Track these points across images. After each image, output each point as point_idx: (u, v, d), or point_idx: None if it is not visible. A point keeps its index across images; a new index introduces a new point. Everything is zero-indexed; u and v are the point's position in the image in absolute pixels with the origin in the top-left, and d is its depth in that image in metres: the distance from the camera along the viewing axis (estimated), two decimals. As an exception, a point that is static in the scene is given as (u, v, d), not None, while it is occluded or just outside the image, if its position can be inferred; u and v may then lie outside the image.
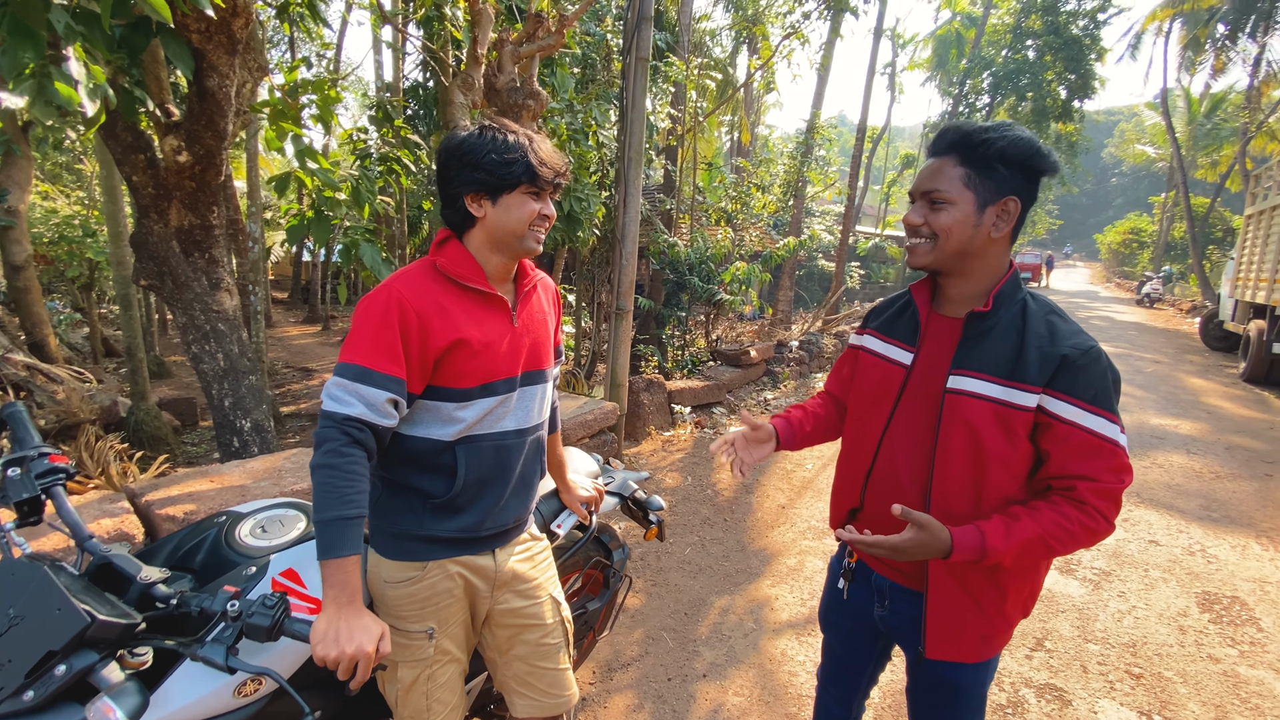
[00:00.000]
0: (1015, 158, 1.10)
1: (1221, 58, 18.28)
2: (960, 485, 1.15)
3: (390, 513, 1.29)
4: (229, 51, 2.95)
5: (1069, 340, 1.10)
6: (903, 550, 1.11)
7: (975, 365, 1.14)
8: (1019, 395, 1.10)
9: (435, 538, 1.29)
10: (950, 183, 1.14)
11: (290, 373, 10.48)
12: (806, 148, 11.83)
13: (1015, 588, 1.20)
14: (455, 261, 1.25)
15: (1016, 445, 1.11)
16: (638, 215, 4.01)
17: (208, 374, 3.40)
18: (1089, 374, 1.08)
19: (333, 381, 1.15)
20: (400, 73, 7.87)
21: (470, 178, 1.22)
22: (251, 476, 2.67)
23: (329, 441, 1.11)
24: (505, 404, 1.32)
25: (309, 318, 17.12)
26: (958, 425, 1.14)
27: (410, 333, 1.17)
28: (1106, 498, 1.07)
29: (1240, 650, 2.69)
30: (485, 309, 1.27)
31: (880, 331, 1.35)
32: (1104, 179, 59.06)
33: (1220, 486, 4.62)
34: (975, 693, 1.29)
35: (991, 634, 1.21)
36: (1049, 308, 1.17)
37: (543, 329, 1.41)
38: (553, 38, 3.50)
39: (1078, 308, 19.38)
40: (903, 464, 1.23)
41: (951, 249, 1.16)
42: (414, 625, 1.29)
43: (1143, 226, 33.98)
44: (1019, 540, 1.07)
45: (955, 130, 1.16)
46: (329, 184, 3.71)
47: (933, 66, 27.90)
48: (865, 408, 1.32)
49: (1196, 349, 11.50)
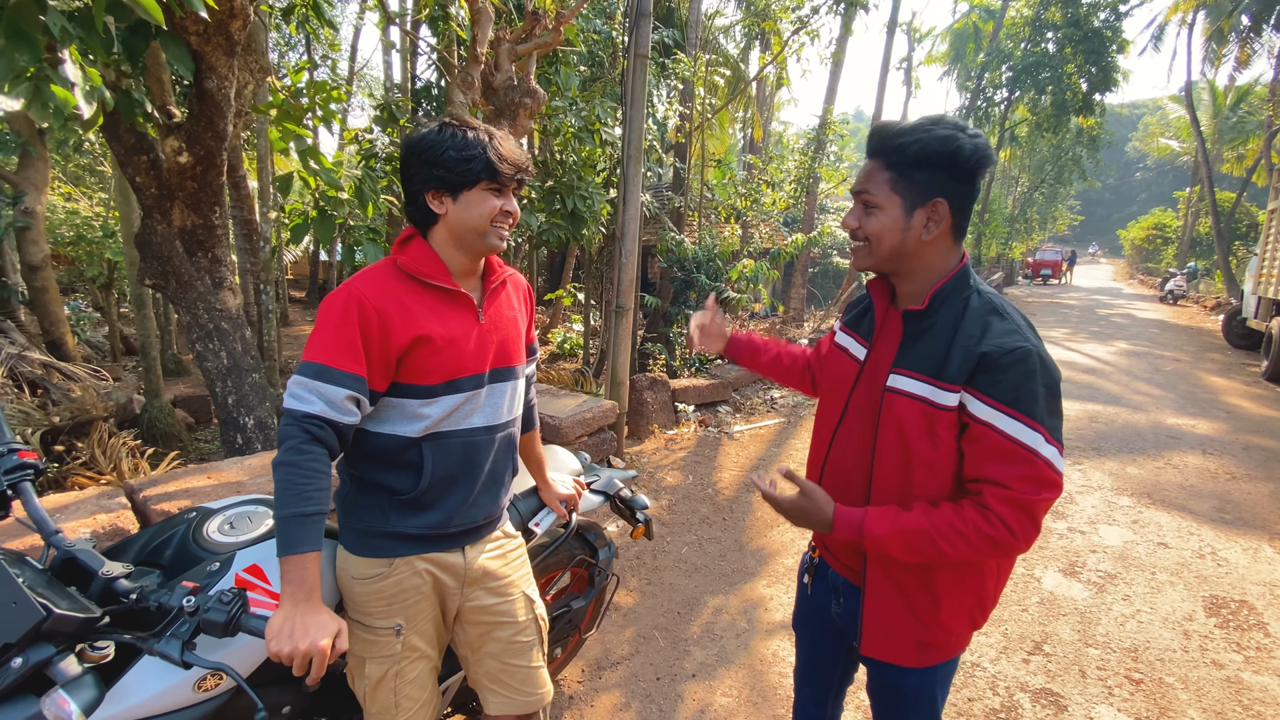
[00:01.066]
0: (935, 158, 1.07)
1: (1245, 50, 17.81)
2: (892, 483, 1.15)
3: (357, 509, 1.30)
4: (227, 53, 2.99)
5: (996, 339, 1.06)
6: (786, 511, 1.16)
7: (910, 364, 1.14)
8: (942, 394, 1.09)
9: (402, 534, 1.29)
10: (878, 186, 1.13)
11: (304, 370, 10.62)
12: (819, 143, 11.72)
13: (951, 595, 1.17)
14: (417, 259, 1.26)
15: (940, 446, 1.10)
16: (638, 213, 4.00)
17: (211, 372, 3.45)
18: (1010, 375, 1.04)
19: (294, 379, 1.16)
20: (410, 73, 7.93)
21: (430, 175, 1.22)
22: (249, 473, 2.71)
23: (290, 439, 1.13)
24: (473, 401, 1.32)
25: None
26: (890, 424, 1.14)
27: (370, 330, 1.18)
28: (1015, 506, 1.03)
29: (1246, 656, 2.62)
30: (449, 306, 1.28)
31: (848, 326, 1.36)
32: (1128, 173, 57.89)
33: (1236, 487, 4.51)
34: (921, 698, 1.28)
35: (929, 641, 1.20)
36: (991, 306, 1.13)
37: (512, 326, 1.41)
38: (549, 35, 3.50)
39: (1099, 305, 19.02)
40: (850, 457, 1.24)
41: (885, 252, 1.15)
42: (381, 621, 1.29)
43: (1167, 222, 33.25)
44: (900, 529, 1.07)
45: (879, 132, 1.14)
46: (331, 183, 3.74)
47: (950, 60, 27.52)
48: (826, 398, 1.35)
49: (1219, 347, 11.23)
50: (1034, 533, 1.05)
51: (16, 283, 6.80)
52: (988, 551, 1.05)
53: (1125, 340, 11.80)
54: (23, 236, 6.27)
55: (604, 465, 4.10)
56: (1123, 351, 10.49)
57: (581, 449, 3.91)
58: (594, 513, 3.40)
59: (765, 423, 5.93)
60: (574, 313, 13.95)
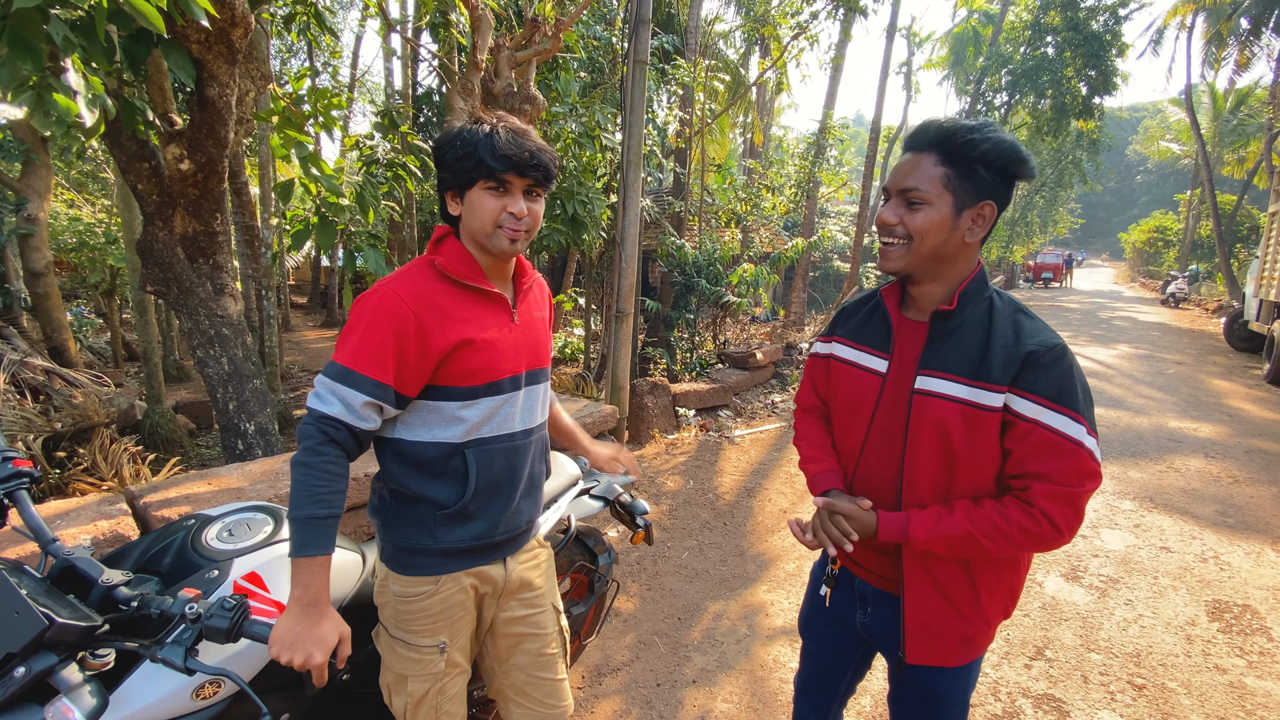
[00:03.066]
0: (997, 161, 1.07)
1: (1245, 53, 17.82)
2: (928, 484, 1.14)
3: (400, 527, 1.27)
4: (228, 61, 3.01)
5: (1034, 338, 1.08)
6: (840, 513, 1.18)
7: (942, 365, 1.13)
8: (985, 395, 1.08)
9: (449, 550, 1.27)
10: (930, 182, 1.09)
11: (305, 376, 10.63)
12: (818, 148, 11.75)
13: (990, 588, 1.18)
14: (454, 259, 1.23)
15: (984, 447, 1.09)
16: (637, 218, 4.01)
17: (213, 378, 3.46)
18: (1052, 371, 1.06)
19: (319, 378, 1.16)
20: (412, 79, 7.97)
21: (441, 176, 1.23)
22: (249, 479, 2.72)
23: (307, 439, 1.13)
24: (511, 403, 1.29)
25: (327, 321, 17.39)
26: (926, 426, 1.12)
27: (406, 334, 1.15)
28: (1061, 500, 1.04)
29: (1249, 660, 2.61)
30: (485, 307, 1.25)
31: (850, 339, 1.31)
32: (1128, 176, 57.92)
33: (1238, 491, 4.49)
34: (956, 700, 1.27)
35: (971, 636, 1.20)
36: (1015, 306, 1.15)
37: (542, 327, 1.40)
38: (549, 42, 3.52)
39: (1100, 308, 19.01)
40: (879, 469, 1.22)
41: (926, 252, 1.12)
42: (426, 640, 1.27)
43: (1168, 225, 33.23)
44: (945, 533, 1.09)
45: (938, 127, 1.10)
46: (332, 189, 3.76)
47: (949, 65, 27.58)
48: (846, 417, 1.30)
49: (1221, 350, 11.21)
50: (1078, 523, 1.07)
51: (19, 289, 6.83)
52: (1030, 547, 1.08)
53: (1127, 343, 11.79)
54: (25, 243, 6.30)
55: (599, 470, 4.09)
56: (1125, 354, 10.47)
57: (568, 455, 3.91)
58: (594, 518, 3.40)
59: (766, 427, 5.92)
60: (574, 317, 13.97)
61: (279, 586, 1.22)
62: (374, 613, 1.35)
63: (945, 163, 1.09)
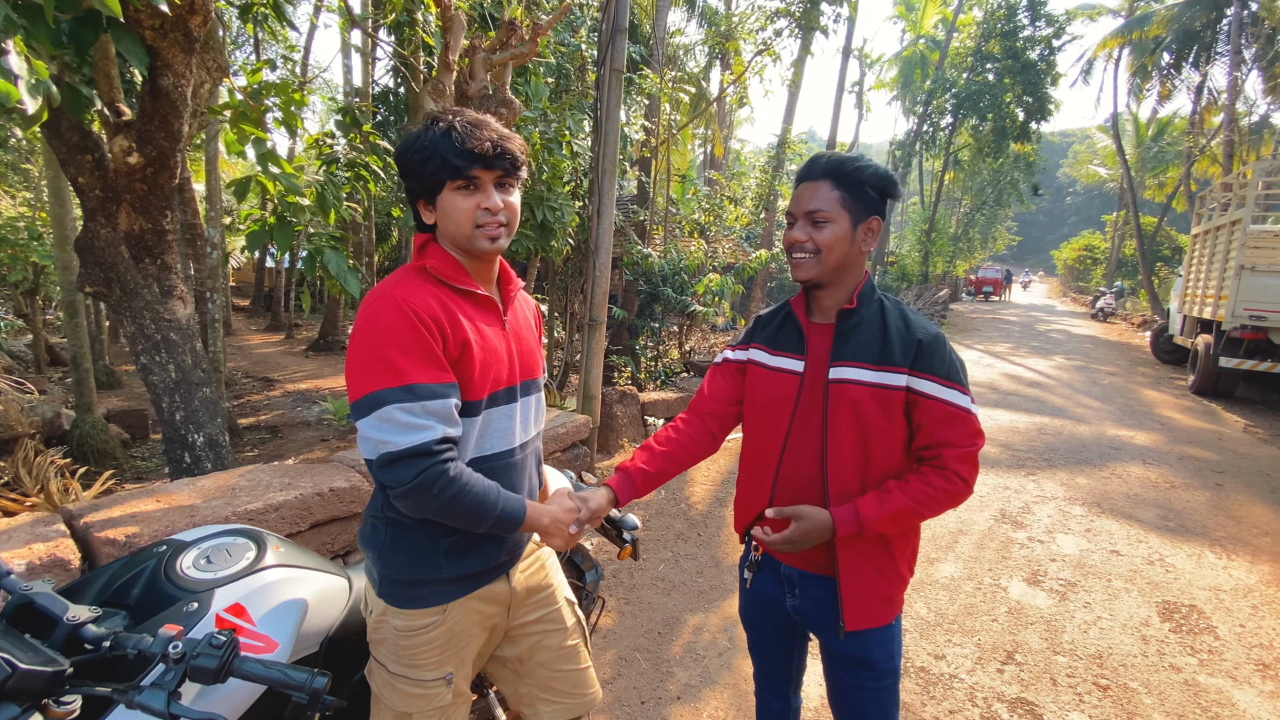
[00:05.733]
0: (879, 184, 1.29)
1: (1167, 85, 19.20)
2: (850, 465, 1.29)
3: (399, 556, 1.18)
4: (185, 50, 2.84)
5: (922, 328, 1.30)
6: (796, 541, 1.26)
7: (850, 356, 1.30)
8: (890, 377, 1.27)
9: (455, 578, 1.20)
10: (830, 203, 1.29)
11: (250, 383, 10.14)
12: (778, 161, 12.00)
13: (901, 550, 1.36)
14: (443, 263, 1.18)
15: (893, 422, 1.28)
16: (611, 226, 3.97)
17: (158, 386, 3.23)
18: (940, 355, 1.28)
19: (390, 411, 1.04)
20: (370, 78, 7.73)
21: (410, 187, 1.18)
22: (202, 495, 2.54)
23: (437, 481, 1.06)
24: (508, 416, 1.26)
25: (272, 325, 16.67)
26: (843, 410, 1.28)
27: (434, 336, 1.10)
28: (966, 460, 1.26)
29: (1200, 659, 2.74)
30: (478, 311, 1.21)
31: (767, 345, 1.45)
32: (1060, 197, 61.38)
33: (1175, 496, 4.76)
34: (887, 666, 1.39)
35: (892, 594, 1.36)
36: (899, 304, 1.36)
37: (531, 335, 1.38)
38: (526, 46, 3.46)
39: (1037, 321, 20.00)
40: (803, 460, 1.34)
41: (833, 263, 1.31)
42: (431, 674, 1.20)
43: (1096, 243, 35.35)
44: (890, 510, 1.24)
45: (828, 158, 1.31)
46: (292, 189, 3.59)
47: (898, 86, 28.71)
48: (765, 417, 1.41)
49: (1148, 361, 11.95)
50: (976, 475, 1.28)
51: (-71, 287, 6.27)
52: (949, 504, 1.27)
53: (1063, 355, 12.42)
54: (-62, 238, 5.79)
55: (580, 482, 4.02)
56: (1062, 365, 11.03)
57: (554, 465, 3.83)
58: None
59: (733, 436, 5.95)
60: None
61: (266, 618, 1.12)
62: (363, 644, 1.26)
63: (839, 187, 1.29)
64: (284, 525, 2.52)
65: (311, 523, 2.62)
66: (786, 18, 9.06)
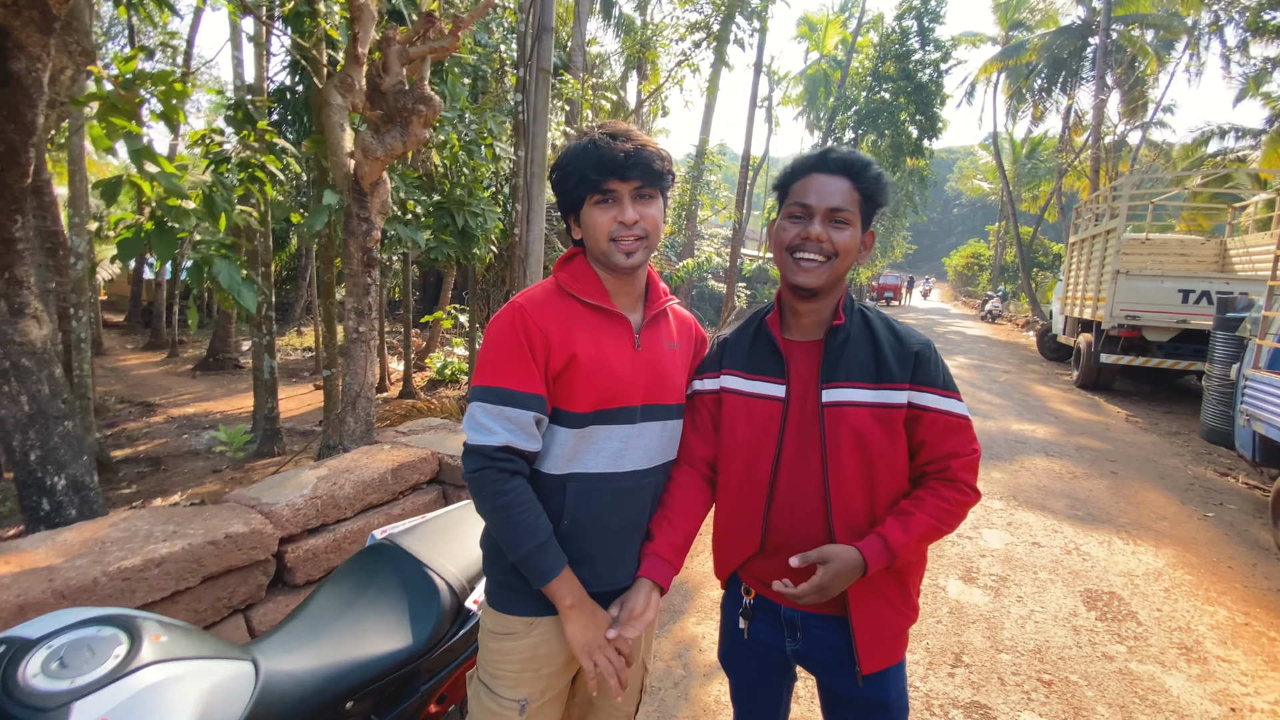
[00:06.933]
0: (884, 194, 1.20)
1: (1039, 107, 21.21)
2: (855, 492, 1.19)
3: (499, 559, 1.20)
4: (42, 30, 2.41)
5: (913, 339, 1.23)
6: (828, 587, 1.14)
7: (844, 375, 1.20)
8: (890, 395, 1.19)
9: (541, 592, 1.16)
10: (852, 203, 1.18)
11: (126, 409, 9.05)
12: (697, 172, 12.14)
13: (913, 578, 1.28)
14: (576, 277, 1.21)
15: (896, 441, 1.20)
16: (541, 233, 3.78)
17: (7, 421, 2.72)
18: (935, 365, 1.22)
19: (475, 407, 1.12)
20: (264, 72, 7.10)
21: (559, 203, 1.24)
22: (64, 553, 2.11)
23: (489, 483, 1.10)
24: (622, 438, 1.21)
25: (152, 343, 15.09)
26: (844, 434, 1.18)
27: (536, 347, 1.13)
28: (971, 469, 1.21)
29: (1128, 646, 2.88)
30: (606, 328, 1.21)
31: (740, 369, 1.31)
32: (948, 209, 66.44)
33: (1079, 485, 5.11)
34: (900, 703, 1.29)
35: (905, 625, 1.27)
36: (880, 314, 1.29)
37: (671, 359, 1.30)
38: (446, 40, 3.22)
39: (935, 324, 21.41)
40: (800, 491, 1.22)
41: (842, 270, 1.20)
42: (507, 691, 1.19)
43: (981, 251, 38.48)
44: (916, 533, 1.16)
45: (843, 154, 1.19)
46: (174, 191, 3.15)
47: (804, 102, 30.04)
48: (746, 449, 1.27)
49: (1035, 359, 13.01)
50: (977, 479, 1.23)
51: None
52: (963, 516, 1.20)
53: (963, 355, 13.31)
54: None
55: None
56: (963, 365, 11.79)
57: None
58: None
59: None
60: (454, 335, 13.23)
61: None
62: None
63: (856, 188, 1.19)
64: (169, 583, 2.14)
65: (203, 576, 2.24)
66: (703, 30, 9.19)
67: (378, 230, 3.40)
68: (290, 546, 2.57)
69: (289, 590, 2.60)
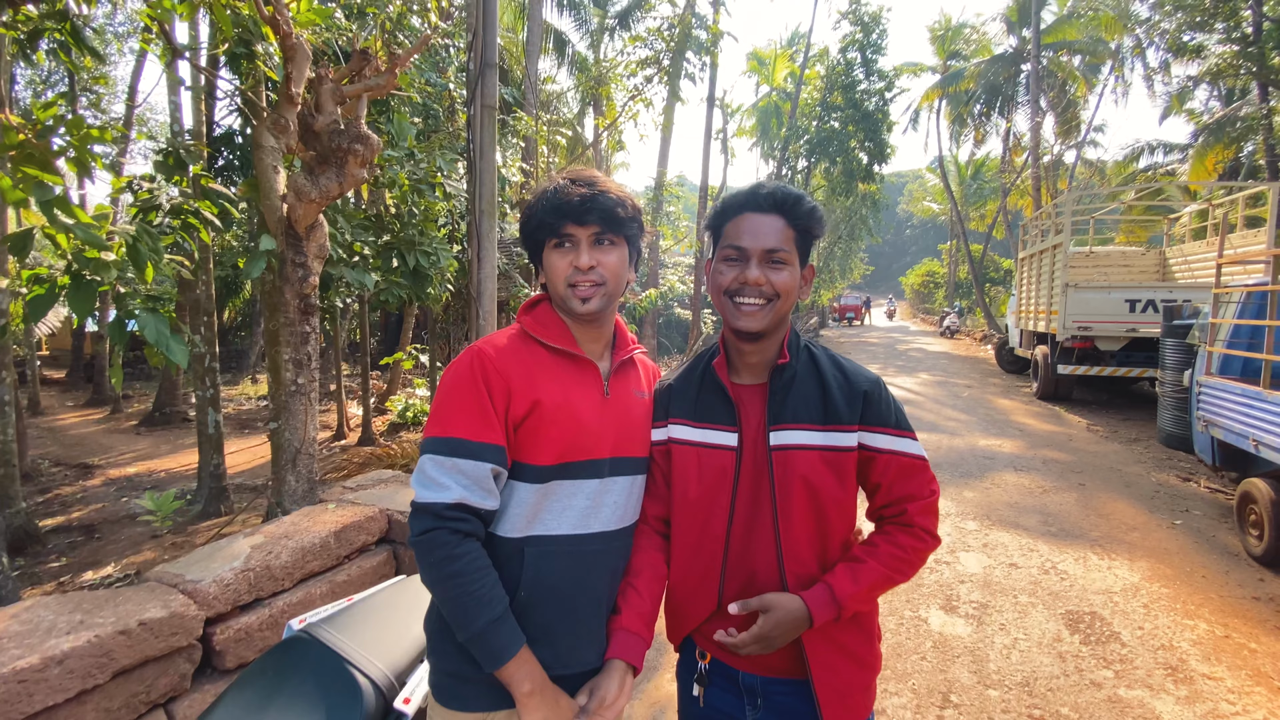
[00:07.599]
0: (818, 227, 1.15)
1: (980, 131, 22.20)
2: (805, 542, 1.13)
3: (445, 645, 1.08)
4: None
5: (861, 377, 1.17)
6: (770, 638, 1.08)
7: (791, 417, 1.14)
8: (840, 437, 1.13)
9: (496, 679, 1.03)
10: (787, 242, 1.14)
11: (61, 472, 8.47)
12: (657, 203, 12.23)
13: (872, 621, 1.21)
14: (542, 322, 1.16)
15: (846, 485, 1.14)
16: (494, 270, 3.65)
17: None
18: (886, 403, 1.16)
19: (425, 460, 1.03)
20: (204, 115, 6.89)
21: (525, 249, 1.22)
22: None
23: (438, 547, 0.99)
24: (584, 494, 1.12)
25: (94, 399, 14.37)
26: (793, 481, 1.12)
27: (495, 393, 1.05)
28: (928, 512, 1.14)
29: (1115, 670, 2.80)
30: (572, 373, 1.14)
31: (688, 418, 1.22)
32: (900, 231, 68.78)
33: (1049, 500, 5.10)
34: None
35: (871, 680, 1.21)
36: (826, 350, 1.23)
37: (640, 408, 1.23)
38: (383, 78, 3.11)
39: (897, 342, 21.83)
40: (754, 547, 1.16)
41: (785, 310, 1.15)
42: None
43: (935, 269, 39.71)
44: (867, 583, 1.10)
45: (774, 189, 1.15)
46: (91, 241, 2.95)
47: (757, 134, 30.88)
48: (700, 504, 1.18)
49: (995, 372, 13.28)
50: (938, 524, 1.17)
51: None
52: (920, 564, 1.15)
53: (925, 371, 13.52)
54: None
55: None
56: (926, 381, 11.95)
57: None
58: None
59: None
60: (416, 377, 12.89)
61: None
62: None
63: (790, 225, 1.14)
64: (73, 682, 1.89)
65: (115, 671, 1.99)
66: (654, 65, 9.33)
67: (315, 276, 3.22)
68: (219, 627, 2.32)
69: (219, 676, 2.34)
